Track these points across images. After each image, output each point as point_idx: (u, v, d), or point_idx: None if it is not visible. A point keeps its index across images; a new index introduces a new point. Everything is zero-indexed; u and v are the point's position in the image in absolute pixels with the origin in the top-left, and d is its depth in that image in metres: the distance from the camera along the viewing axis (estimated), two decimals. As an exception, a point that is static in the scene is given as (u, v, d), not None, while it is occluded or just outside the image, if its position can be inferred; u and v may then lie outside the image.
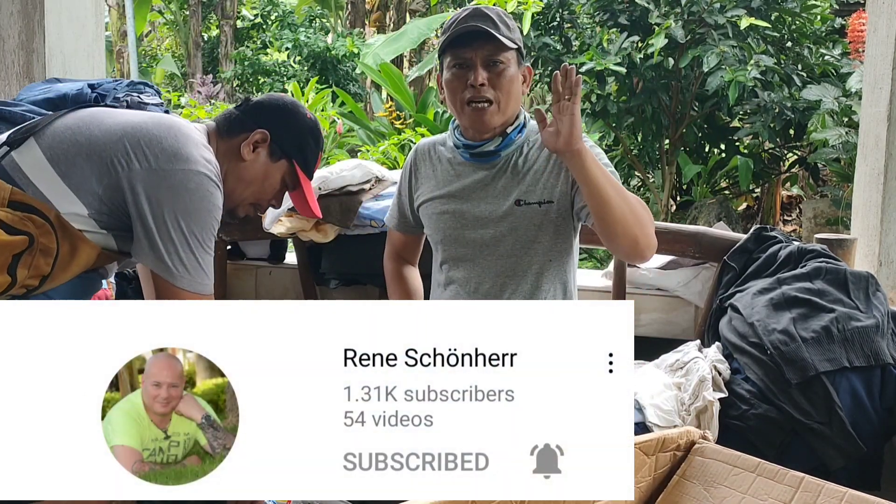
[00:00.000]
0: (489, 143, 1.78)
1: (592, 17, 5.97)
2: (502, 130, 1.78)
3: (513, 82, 1.75)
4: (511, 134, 1.79)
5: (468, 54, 1.72)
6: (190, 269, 1.47)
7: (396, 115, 7.58)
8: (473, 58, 1.72)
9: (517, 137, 1.80)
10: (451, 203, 1.82)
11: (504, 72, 1.73)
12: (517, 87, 1.77)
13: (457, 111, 1.77)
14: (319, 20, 13.22)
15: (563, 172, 1.77)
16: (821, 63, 5.64)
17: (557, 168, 1.77)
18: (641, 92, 5.71)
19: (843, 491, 1.02)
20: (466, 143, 1.81)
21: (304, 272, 2.61)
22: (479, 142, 1.79)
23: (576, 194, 1.75)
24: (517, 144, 1.80)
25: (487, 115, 1.73)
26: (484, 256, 1.80)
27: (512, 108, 1.77)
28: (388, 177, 2.57)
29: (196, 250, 1.47)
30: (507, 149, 1.79)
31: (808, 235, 5.41)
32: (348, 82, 11.19)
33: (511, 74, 1.74)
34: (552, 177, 1.77)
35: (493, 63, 1.72)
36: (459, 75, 1.74)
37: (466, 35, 1.71)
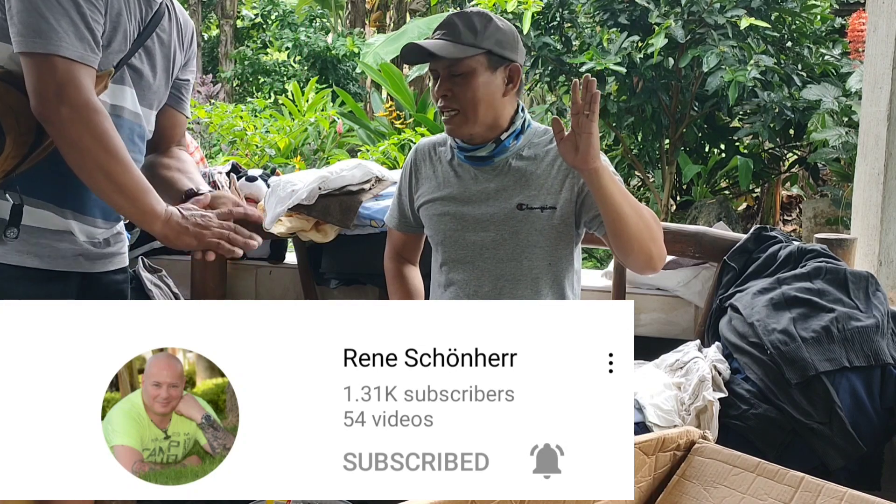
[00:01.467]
0: (481, 149, 1.79)
1: (592, 16, 5.96)
2: (496, 137, 1.78)
3: (480, 89, 1.73)
4: (506, 141, 1.78)
5: (434, 66, 1.77)
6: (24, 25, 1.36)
7: (396, 115, 7.59)
8: (438, 69, 1.76)
9: (512, 144, 1.79)
10: (452, 205, 1.82)
11: (468, 81, 1.72)
12: (490, 92, 1.74)
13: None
14: (320, 20, 13.22)
15: (567, 179, 1.77)
16: (821, 63, 5.64)
17: (562, 174, 1.77)
18: (641, 92, 5.71)
19: (843, 491, 1.02)
20: (461, 145, 1.82)
21: (304, 272, 2.61)
22: (472, 146, 1.80)
23: (582, 205, 1.77)
24: (513, 150, 1.80)
25: (455, 125, 1.75)
26: (484, 259, 1.79)
27: (487, 114, 1.75)
28: (388, 177, 2.57)
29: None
30: (502, 155, 1.79)
31: (808, 235, 5.41)
32: (348, 82, 11.20)
33: (478, 82, 1.72)
34: (556, 182, 1.77)
35: (455, 74, 1.73)
36: (433, 85, 1.80)
37: (417, 52, 1.74)
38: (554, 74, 6.00)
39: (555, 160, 1.78)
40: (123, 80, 1.55)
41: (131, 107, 1.58)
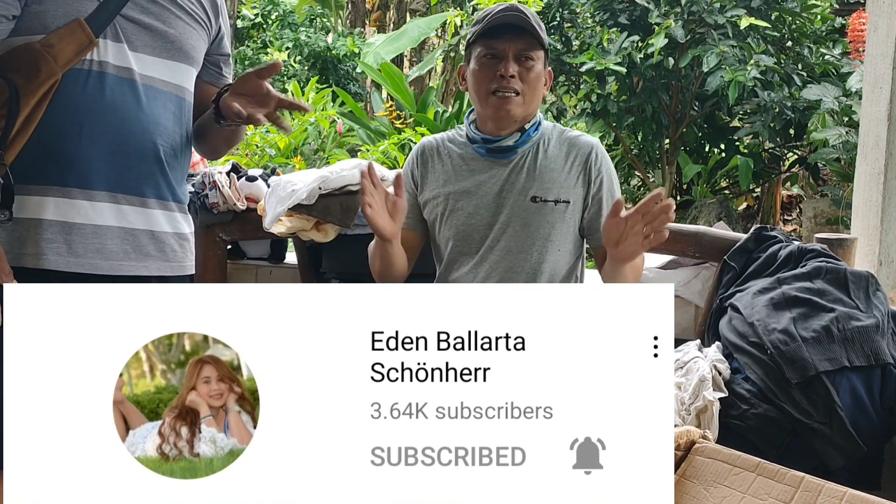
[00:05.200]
0: (507, 139, 1.80)
1: (592, 16, 5.96)
2: (521, 126, 1.80)
3: (539, 79, 1.78)
4: (529, 130, 1.81)
5: (501, 45, 1.75)
6: None
7: (396, 115, 7.58)
8: (506, 49, 1.75)
9: (534, 134, 1.82)
10: (465, 198, 1.83)
11: (533, 67, 1.76)
12: (541, 86, 1.80)
13: (480, 101, 1.79)
14: (320, 20, 13.21)
15: (580, 177, 1.81)
16: (821, 63, 5.64)
17: (576, 171, 1.81)
18: (641, 91, 5.71)
19: (843, 491, 1.02)
20: (485, 136, 1.82)
21: (305, 272, 2.60)
22: (497, 136, 1.80)
23: (587, 210, 1.82)
24: (533, 141, 1.82)
25: (511, 105, 1.75)
26: (493, 251, 1.80)
27: (534, 104, 1.80)
28: (388, 176, 2.56)
29: None
30: (524, 145, 1.81)
31: (808, 235, 5.41)
32: (348, 82, 11.19)
33: (539, 71, 1.78)
34: (569, 177, 1.80)
35: (524, 57, 1.75)
36: (489, 65, 1.76)
37: (503, 26, 1.74)
38: (554, 74, 6.00)
39: (568, 156, 1.81)
40: (120, 38, 1.44)
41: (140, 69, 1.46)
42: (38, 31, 1.38)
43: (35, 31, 1.38)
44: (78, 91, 1.41)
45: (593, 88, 5.63)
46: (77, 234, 1.42)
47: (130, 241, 1.47)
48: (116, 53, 1.44)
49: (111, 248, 1.45)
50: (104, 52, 1.43)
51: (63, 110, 1.40)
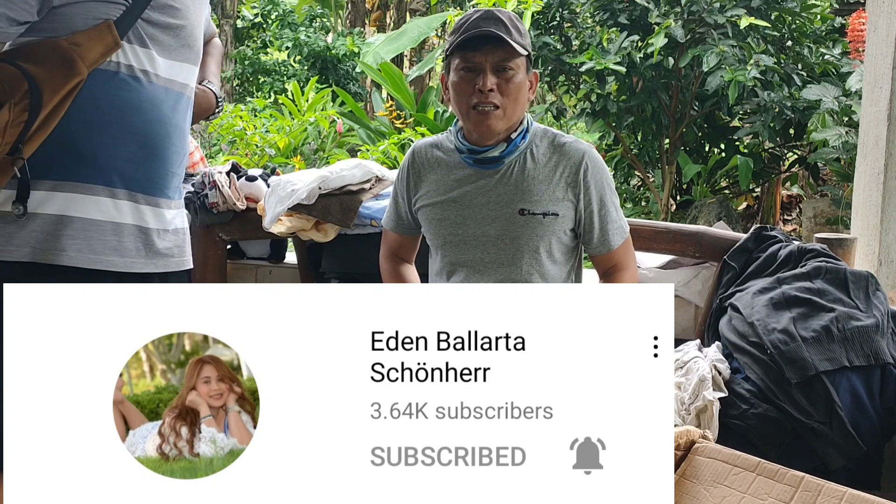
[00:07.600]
0: (493, 150, 1.77)
1: (592, 16, 5.97)
2: (507, 136, 1.77)
3: (520, 89, 1.73)
4: (515, 140, 1.77)
5: (478, 58, 1.70)
6: None
7: (396, 115, 7.58)
8: (483, 62, 1.70)
9: (521, 143, 1.79)
10: (452, 209, 1.81)
11: (513, 78, 1.71)
12: (524, 94, 1.75)
13: (462, 114, 1.76)
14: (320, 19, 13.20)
15: (568, 189, 1.78)
16: (821, 63, 5.64)
17: (564, 184, 1.78)
18: (641, 91, 5.71)
19: (842, 490, 1.02)
20: (470, 147, 1.79)
21: (305, 271, 2.61)
22: (483, 147, 1.77)
23: (579, 222, 1.79)
24: (521, 150, 1.79)
25: (492, 120, 1.72)
26: (484, 264, 1.79)
27: (517, 114, 1.76)
28: (388, 176, 2.57)
29: None
30: (511, 155, 1.78)
31: (808, 235, 5.41)
32: (348, 81, 11.19)
33: (519, 81, 1.73)
34: (558, 189, 1.77)
35: (502, 69, 1.70)
36: (467, 79, 1.72)
37: (478, 38, 1.69)
38: (554, 74, 6.01)
39: (557, 166, 1.78)
40: (145, 42, 1.46)
41: (168, 74, 1.50)
42: (63, 31, 1.40)
43: (60, 31, 1.40)
44: (102, 91, 1.43)
45: (593, 88, 5.63)
46: (96, 231, 1.44)
47: (143, 238, 1.50)
48: (138, 56, 1.47)
49: (127, 245, 1.47)
50: (127, 55, 1.46)
51: (88, 109, 1.42)
